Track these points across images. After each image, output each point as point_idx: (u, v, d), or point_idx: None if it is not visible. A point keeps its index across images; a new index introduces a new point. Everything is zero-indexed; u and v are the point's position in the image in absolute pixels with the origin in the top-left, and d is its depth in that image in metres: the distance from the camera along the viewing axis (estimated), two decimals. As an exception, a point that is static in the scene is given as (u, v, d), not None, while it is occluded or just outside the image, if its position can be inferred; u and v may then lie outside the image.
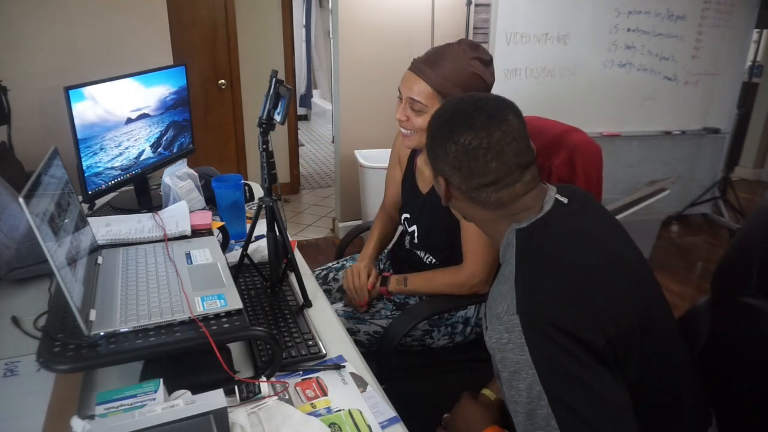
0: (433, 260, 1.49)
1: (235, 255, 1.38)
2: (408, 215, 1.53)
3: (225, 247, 1.40)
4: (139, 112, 1.74)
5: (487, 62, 1.30)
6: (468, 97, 0.93)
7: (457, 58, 1.27)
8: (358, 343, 1.42)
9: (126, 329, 0.89)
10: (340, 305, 1.54)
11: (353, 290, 1.50)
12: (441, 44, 1.33)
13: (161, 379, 0.84)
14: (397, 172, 1.62)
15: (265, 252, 1.30)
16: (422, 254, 1.51)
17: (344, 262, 1.73)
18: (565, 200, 0.91)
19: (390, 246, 1.73)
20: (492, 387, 1.13)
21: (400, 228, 1.62)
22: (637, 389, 0.83)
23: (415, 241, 1.51)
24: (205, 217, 1.39)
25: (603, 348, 0.78)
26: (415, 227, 1.50)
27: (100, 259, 1.14)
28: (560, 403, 0.77)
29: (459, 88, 1.25)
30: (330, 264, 1.74)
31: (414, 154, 1.56)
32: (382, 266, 1.72)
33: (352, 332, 1.43)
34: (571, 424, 0.76)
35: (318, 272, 1.69)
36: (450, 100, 0.96)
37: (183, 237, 1.29)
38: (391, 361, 1.33)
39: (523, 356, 0.78)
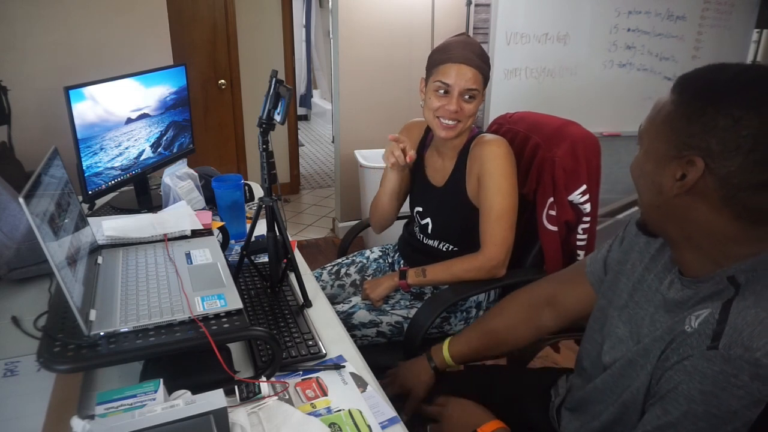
0: (452, 247, 1.53)
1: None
2: (420, 209, 1.57)
3: (225, 247, 1.40)
4: (139, 112, 1.74)
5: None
6: (756, 66, 0.71)
7: (475, 42, 1.43)
8: (380, 334, 1.48)
9: (126, 329, 0.89)
10: (358, 299, 1.54)
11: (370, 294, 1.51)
12: (452, 38, 1.43)
13: (161, 379, 0.84)
14: None
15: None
16: (438, 243, 1.55)
17: (354, 258, 1.75)
18: None
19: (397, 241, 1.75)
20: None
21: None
22: None
23: (429, 232, 1.55)
24: (205, 217, 1.39)
25: None
26: (428, 219, 1.55)
27: (100, 259, 1.14)
28: None
29: (487, 65, 1.41)
30: (340, 260, 1.75)
31: (421, 149, 1.60)
32: (390, 260, 1.74)
33: (375, 324, 1.47)
34: None
35: (330, 267, 1.71)
36: (714, 66, 0.71)
37: (183, 237, 1.29)
38: (418, 350, 1.36)
39: (749, 411, 0.64)
